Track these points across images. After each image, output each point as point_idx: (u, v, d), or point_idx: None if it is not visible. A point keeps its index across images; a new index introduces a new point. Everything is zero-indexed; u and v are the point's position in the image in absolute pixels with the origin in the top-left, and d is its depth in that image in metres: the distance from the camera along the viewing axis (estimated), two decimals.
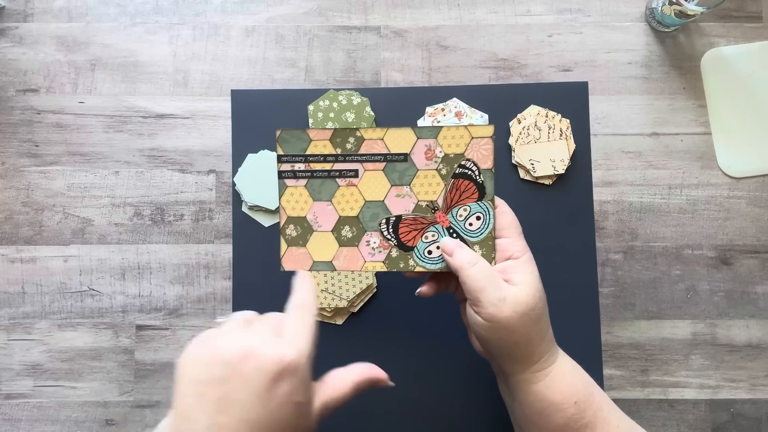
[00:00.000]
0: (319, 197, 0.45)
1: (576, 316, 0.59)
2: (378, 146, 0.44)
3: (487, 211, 0.44)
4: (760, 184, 0.63)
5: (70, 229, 0.62)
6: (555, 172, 0.60)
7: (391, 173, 0.44)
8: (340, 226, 0.45)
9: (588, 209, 0.61)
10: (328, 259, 0.45)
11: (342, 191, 0.45)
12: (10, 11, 0.64)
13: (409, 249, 0.45)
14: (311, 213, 0.45)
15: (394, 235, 0.45)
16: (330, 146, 0.44)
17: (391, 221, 0.45)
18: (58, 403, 0.60)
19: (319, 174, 0.45)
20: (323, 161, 0.44)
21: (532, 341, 0.42)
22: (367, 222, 0.45)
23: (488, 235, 0.44)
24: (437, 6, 0.65)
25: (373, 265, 0.45)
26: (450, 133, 0.44)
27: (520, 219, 0.60)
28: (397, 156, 0.44)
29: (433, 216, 0.44)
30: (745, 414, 0.60)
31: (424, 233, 0.44)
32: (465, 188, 0.44)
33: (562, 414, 0.42)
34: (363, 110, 0.60)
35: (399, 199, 0.44)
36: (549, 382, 0.43)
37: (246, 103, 0.61)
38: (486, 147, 0.44)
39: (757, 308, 0.61)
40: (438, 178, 0.44)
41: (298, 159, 0.45)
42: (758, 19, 0.65)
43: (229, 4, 0.65)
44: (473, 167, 0.44)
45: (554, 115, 0.61)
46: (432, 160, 0.44)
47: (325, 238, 0.45)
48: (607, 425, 0.43)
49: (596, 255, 0.60)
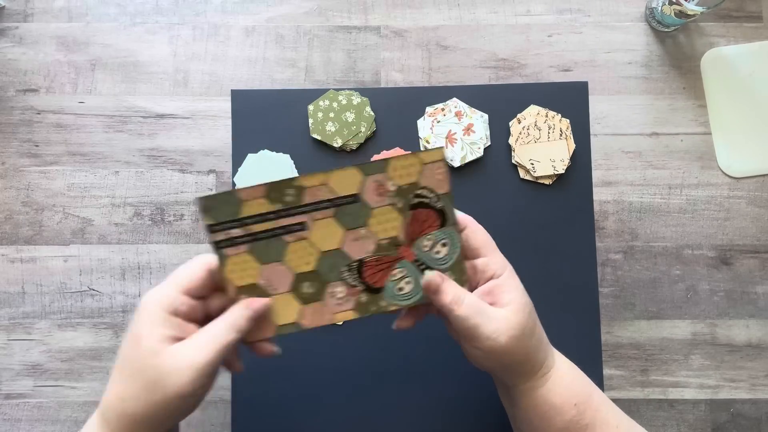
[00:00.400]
0: (268, 259, 0.40)
1: (576, 316, 0.59)
2: (322, 192, 0.40)
3: (451, 237, 0.42)
4: (760, 184, 0.63)
5: (70, 229, 0.62)
6: (555, 172, 0.60)
7: (344, 218, 0.41)
8: (299, 284, 0.41)
9: (588, 209, 0.61)
10: (292, 321, 0.41)
11: (292, 248, 0.40)
12: (10, 11, 0.64)
13: (379, 290, 0.42)
14: (262, 278, 0.41)
15: (359, 280, 0.42)
16: (266, 203, 0.39)
17: (354, 267, 0.41)
18: (58, 403, 0.60)
19: (262, 235, 0.40)
20: (263, 221, 0.40)
21: (530, 355, 0.42)
22: (327, 273, 0.41)
23: (457, 260, 0.42)
24: (437, 6, 0.65)
25: (343, 315, 0.42)
26: (399, 164, 0.40)
27: (520, 219, 0.60)
28: (347, 199, 0.40)
29: (397, 252, 0.42)
30: (745, 414, 0.60)
31: (391, 271, 0.42)
32: (425, 218, 0.42)
33: (561, 417, 0.42)
34: (363, 110, 0.60)
35: (357, 242, 0.41)
36: (549, 387, 0.43)
37: (246, 103, 0.61)
38: (439, 171, 0.41)
39: (757, 308, 0.61)
40: (395, 213, 0.41)
41: (232, 225, 0.39)
42: (758, 19, 0.65)
43: (229, 4, 0.65)
44: (430, 194, 0.41)
45: (554, 115, 0.61)
46: (385, 195, 0.41)
47: (284, 300, 0.41)
48: (606, 426, 0.43)
49: (596, 255, 0.60)
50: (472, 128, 0.60)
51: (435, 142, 0.60)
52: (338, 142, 0.60)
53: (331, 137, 0.60)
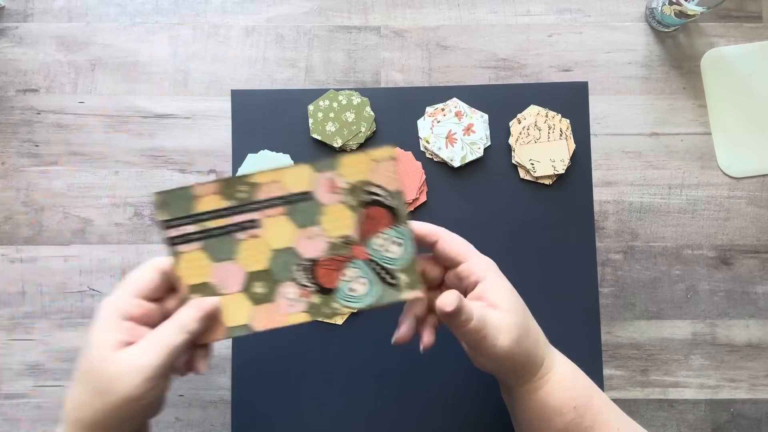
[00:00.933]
0: (220, 257, 0.41)
1: (576, 316, 0.59)
2: (275, 189, 0.40)
3: (405, 235, 0.41)
4: (760, 184, 0.63)
5: (70, 229, 0.62)
6: (555, 172, 0.60)
7: (296, 215, 0.41)
8: (250, 284, 0.41)
9: (588, 209, 0.61)
10: (243, 322, 0.41)
11: (244, 245, 0.41)
12: (10, 11, 0.64)
13: (331, 291, 0.41)
14: (214, 277, 0.41)
15: (311, 280, 0.41)
16: (219, 200, 0.40)
17: (306, 266, 0.41)
18: (58, 403, 0.60)
19: (215, 232, 0.40)
20: (216, 217, 0.40)
21: (530, 354, 0.42)
22: (279, 272, 0.41)
23: (411, 259, 0.41)
24: (437, 6, 0.65)
25: (295, 317, 0.41)
26: (349, 161, 0.41)
27: (520, 219, 0.60)
28: (299, 196, 0.41)
29: (350, 251, 0.41)
30: (745, 414, 0.60)
31: (344, 271, 0.41)
32: (378, 216, 0.41)
33: (561, 419, 0.42)
34: (363, 110, 0.60)
35: (310, 240, 0.41)
36: (549, 389, 0.43)
37: (246, 103, 0.61)
38: (389, 169, 0.41)
39: (757, 308, 0.61)
40: (347, 211, 0.41)
41: (186, 221, 0.40)
42: (758, 19, 0.65)
43: (229, 4, 0.65)
44: (381, 192, 0.41)
45: (554, 115, 0.61)
46: (337, 193, 0.41)
47: (236, 300, 0.41)
48: (607, 428, 0.43)
49: (596, 255, 0.60)
50: (472, 128, 0.60)
51: (435, 142, 0.60)
52: (338, 142, 0.60)
53: (331, 137, 0.60)
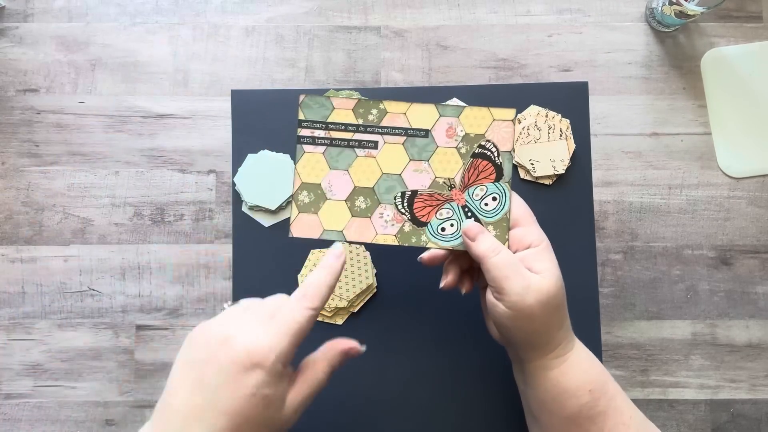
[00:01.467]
0: (336, 166, 0.45)
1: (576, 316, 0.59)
2: (400, 120, 0.44)
3: (503, 193, 0.44)
4: (760, 184, 0.63)
5: (70, 229, 0.62)
6: (555, 172, 0.60)
7: (411, 148, 0.44)
8: (355, 196, 0.45)
9: (588, 209, 0.61)
10: (339, 228, 0.45)
11: (360, 161, 0.45)
12: (10, 11, 0.64)
13: (423, 225, 0.44)
14: (326, 181, 0.45)
15: (408, 209, 0.45)
16: (352, 116, 0.44)
17: (407, 195, 0.44)
18: (58, 403, 0.60)
19: (339, 143, 0.45)
20: (344, 130, 0.44)
21: (551, 329, 0.42)
22: (383, 194, 0.45)
23: (503, 217, 0.44)
24: (437, 6, 0.65)
25: (384, 237, 0.45)
26: (472, 114, 0.44)
27: None
28: (419, 131, 0.44)
29: (450, 193, 0.44)
30: (745, 414, 0.60)
31: (439, 210, 0.44)
32: (483, 168, 0.44)
33: (576, 401, 0.42)
34: None
35: (417, 174, 0.44)
36: (565, 369, 0.42)
37: (246, 103, 0.61)
38: (506, 129, 0.44)
39: (757, 308, 0.61)
40: (457, 157, 0.44)
41: (319, 126, 0.44)
42: (758, 19, 0.65)
43: (229, 4, 0.65)
44: (492, 148, 0.44)
45: (554, 115, 0.61)
46: (452, 138, 0.44)
47: (338, 207, 0.45)
48: (620, 415, 0.42)
49: (596, 255, 0.60)
50: None
51: None
52: None
53: None
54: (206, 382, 0.35)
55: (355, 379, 0.58)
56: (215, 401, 0.35)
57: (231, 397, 0.35)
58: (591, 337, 0.59)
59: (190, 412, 0.35)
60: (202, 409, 0.35)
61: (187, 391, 0.36)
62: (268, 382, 0.36)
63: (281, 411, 0.37)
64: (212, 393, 0.35)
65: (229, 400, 0.35)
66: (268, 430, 0.37)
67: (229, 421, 0.35)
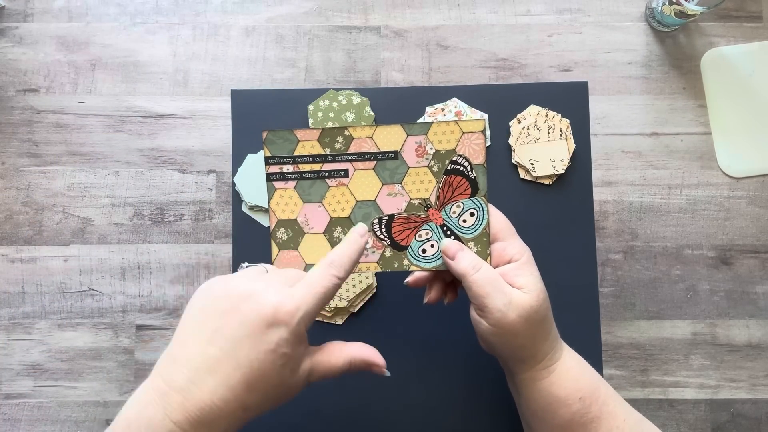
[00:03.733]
0: (309, 199, 0.44)
1: (576, 316, 0.59)
2: (367, 145, 0.43)
3: (480, 207, 0.44)
4: (760, 184, 0.63)
5: (70, 229, 0.62)
6: (555, 172, 0.60)
7: (382, 172, 0.44)
8: (332, 228, 0.44)
9: (588, 209, 0.61)
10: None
11: (332, 192, 0.44)
12: (10, 11, 0.64)
13: (403, 248, 0.44)
14: (302, 215, 0.44)
15: (387, 234, 0.44)
16: (318, 146, 0.43)
17: (384, 220, 0.44)
18: (58, 403, 0.60)
19: (309, 175, 0.44)
20: (312, 162, 0.44)
21: (536, 342, 0.42)
22: (359, 222, 0.44)
23: (483, 231, 0.44)
24: (437, 6, 0.65)
25: (367, 266, 0.44)
26: (440, 129, 0.43)
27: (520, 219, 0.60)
28: (388, 154, 0.43)
29: (426, 214, 0.44)
30: (745, 414, 0.60)
31: (418, 232, 0.44)
32: (457, 184, 0.44)
33: (566, 409, 0.42)
34: (363, 110, 0.60)
35: (391, 197, 0.44)
36: (554, 379, 0.43)
37: (246, 103, 0.61)
38: (477, 142, 0.43)
39: (757, 308, 0.61)
40: (430, 175, 0.44)
41: (286, 160, 0.44)
42: (758, 19, 0.65)
43: (229, 4, 0.65)
44: (465, 163, 0.43)
45: (554, 115, 0.61)
46: (423, 157, 0.43)
47: (317, 240, 0.44)
48: (613, 419, 0.43)
49: (596, 255, 0.60)
50: None
51: None
52: None
53: None
54: (226, 333, 0.34)
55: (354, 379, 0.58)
56: (233, 354, 0.34)
57: (251, 350, 0.34)
58: (591, 337, 0.59)
59: (204, 363, 0.34)
60: (218, 361, 0.34)
61: (202, 342, 0.34)
62: (290, 342, 0.35)
63: (295, 374, 0.37)
64: (231, 345, 0.34)
65: (248, 353, 0.34)
66: (277, 392, 0.36)
67: (245, 376, 0.34)
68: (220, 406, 0.33)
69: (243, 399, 0.34)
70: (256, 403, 0.35)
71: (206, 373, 0.33)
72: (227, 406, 0.33)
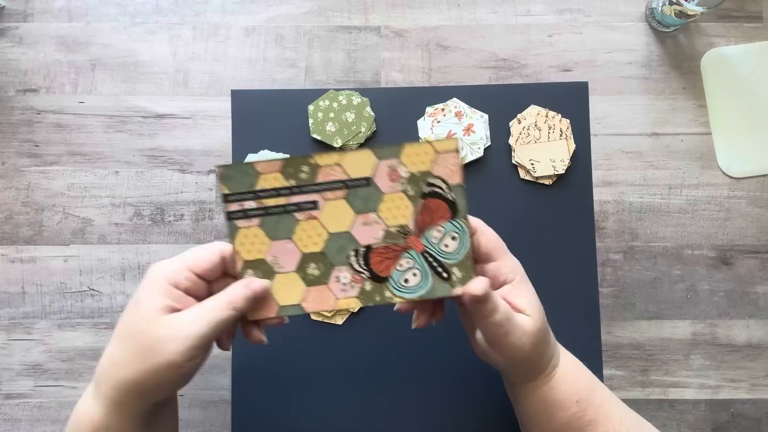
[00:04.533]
0: (277, 236, 0.41)
1: (576, 316, 0.59)
2: (336, 173, 0.40)
3: (462, 230, 0.41)
4: (760, 184, 0.63)
5: (70, 229, 0.62)
6: (555, 172, 0.60)
7: (354, 200, 0.40)
8: (305, 265, 0.41)
9: (588, 209, 0.61)
10: (295, 302, 0.41)
11: (302, 226, 0.41)
12: (10, 11, 0.64)
13: (384, 280, 0.41)
14: (270, 254, 0.41)
15: (365, 267, 0.41)
16: (281, 178, 0.40)
17: (361, 252, 0.41)
18: (58, 403, 0.60)
19: (274, 210, 0.40)
20: (276, 196, 0.40)
21: (542, 358, 0.43)
22: (335, 256, 0.41)
23: (466, 255, 0.41)
24: (437, 6, 0.65)
25: (347, 302, 0.41)
26: (413, 151, 0.40)
27: (520, 219, 0.60)
28: (359, 181, 0.40)
29: (406, 241, 0.41)
30: (745, 414, 0.60)
31: (398, 261, 0.41)
32: (436, 208, 0.41)
33: (563, 413, 0.42)
34: (363, 110, 0.60)
35: (366, 227, 0.41)
36: (552, 384, 0.43)
37: (246, 103, 0.61)
38: (453, 161, 0.40)
39: (757, 308, 0.61)
40: (406, 201, 0.40)
41: (247, 196, 0.40)
42: (758, 19, 0.65)
43: (229, 4, 0.65)
44: (442, 184, 0.40)
45: (554, 115, 0.61)
46: (397, 181, 0.40)
47: (290, 279, 0.41)
48: (610, 421, 0.43)
49: (596, 255, 0.60)
50: (472, 128, 0.60)
51: None
52: (338, 142, 0.60)
53: (331, 137, 0.60)
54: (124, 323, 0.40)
55: (354, 379, 0.58)
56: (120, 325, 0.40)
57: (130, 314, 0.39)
58: (591, 337, 0.59)
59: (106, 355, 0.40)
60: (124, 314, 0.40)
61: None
62: (145, 288, 0.38)
63: (156, 325, 0.37)
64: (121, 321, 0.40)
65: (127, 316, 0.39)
66: (144, 347, 0.37)
67: (114, 331, 0.39)
68: (100, 362, 0.39)
69: (111, 353, 0.39)
70: (125, 358, 0.37)
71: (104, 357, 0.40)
72: (102, 361, 0.39)
